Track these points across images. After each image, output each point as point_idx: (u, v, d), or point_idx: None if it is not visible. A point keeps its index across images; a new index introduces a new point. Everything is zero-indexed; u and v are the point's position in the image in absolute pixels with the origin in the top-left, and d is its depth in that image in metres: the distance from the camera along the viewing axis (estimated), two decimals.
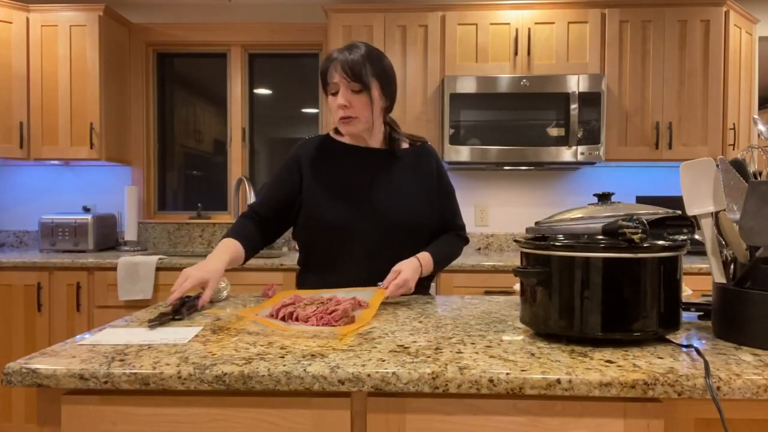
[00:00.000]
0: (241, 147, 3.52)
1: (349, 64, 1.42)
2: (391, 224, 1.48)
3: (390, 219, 1.49)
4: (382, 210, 1.49)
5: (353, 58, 1.43)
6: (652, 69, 2.96)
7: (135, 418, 0.86)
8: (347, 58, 1.43)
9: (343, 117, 1.46)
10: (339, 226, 1.47)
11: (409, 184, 1.54)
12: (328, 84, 1.47)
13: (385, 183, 1.52)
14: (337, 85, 1.45)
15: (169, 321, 1.15)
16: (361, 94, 1.45)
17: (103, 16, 3.07)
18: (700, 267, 2.57)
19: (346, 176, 1.52)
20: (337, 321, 1.10)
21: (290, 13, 3.45)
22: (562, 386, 0.80)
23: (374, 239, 1.47)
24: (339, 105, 1.45)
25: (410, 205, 1.52)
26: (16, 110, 3.03)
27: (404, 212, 1.50)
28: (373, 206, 1.49)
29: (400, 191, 1.52)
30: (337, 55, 1.45)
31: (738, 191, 1.03)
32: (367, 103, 1.46)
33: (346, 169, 1.53)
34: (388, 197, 1.50)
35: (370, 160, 1.54)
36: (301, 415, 0.85)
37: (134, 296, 2.68)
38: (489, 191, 3.40)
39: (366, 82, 1.43)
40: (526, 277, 1.01)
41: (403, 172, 1.55)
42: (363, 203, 1.49)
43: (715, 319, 1.03)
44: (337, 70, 1.43)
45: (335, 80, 1.44)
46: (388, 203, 1.50)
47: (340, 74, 1.43)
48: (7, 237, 3.47)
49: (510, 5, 2.98)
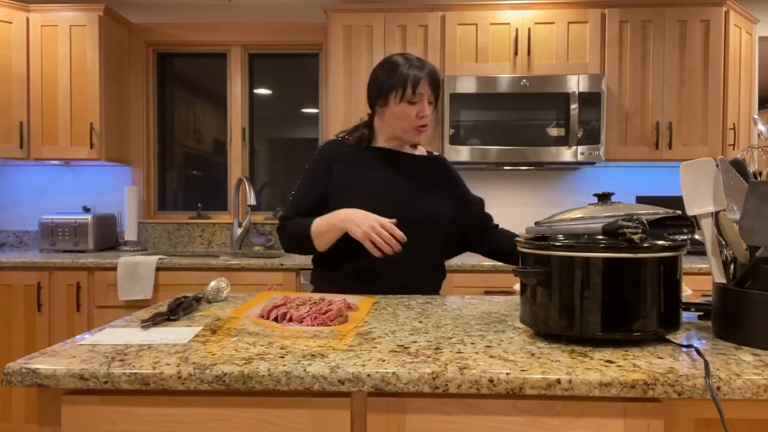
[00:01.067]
0: (241, 147, 3.52)
1: (435, 78, 1.57)
2: (424, 221, 1.57)
3: (420, 217, 1.57)
4: (413, 209, 1.57)
5: (435, 72, 1.58)
6: (652, 69, 2.96)
7: (135, 418, 0.86)
8: (432, 71, 1.57)
9: (422, 126, 1.59)
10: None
11: (433, 186, 1.65)
12: (413, 93, 1.55)
13: (412, 184, 1.61)
14: (423, 96, 1.56)
15: (164, 321, 1.15)
16: (431, 105, 1.60)
17: (103, 16, 3.07)
18: (700, 267, 2.57)
19: (377, 177, 1.60)
20: (332, 321, 1.11)
21: (290, 13, 3.46)
22: (562, 386, 0.80)
23: (408, 235, 1.52)
24: (424, 115, 1.57)
25: (438, 205, 1.62)
26: (16, 110, 3.03)
27: (434, 211, 1.60)
28: (405, 205, 1.57)
29: (428, 192, 1.62)
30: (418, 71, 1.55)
31: (738, 191, 1.03)
32: (433, 112, 1.62)
33: (377, 170, 1.61)
34: (418, 197, 1.60)
35: (405, 164, 1.64)
36: (301, 415, 0.85)
37: (134, 296, 2.68)
38: (489, 191, 3.40)
39: (439, 95, 1.61)
40: (526, 277, 1.01)
41: (426, 175, 1.65)
42: (396, 202, 1.56)
43: (715, 319, 1.03)
44: (428, 83, 1.55)
45: (424, 91, 1.55)
46: (418, 202, 1.59)
47: (430, 87, 1.56)
48: (7, 237, 3.47)
49: (510, 5, 2.98)
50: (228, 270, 2.71)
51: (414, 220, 1.55)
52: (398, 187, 1.59)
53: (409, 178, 1.62)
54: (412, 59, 1.58)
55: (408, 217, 1.54)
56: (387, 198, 1.56)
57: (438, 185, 1.66)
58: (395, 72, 1.56)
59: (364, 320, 1.18)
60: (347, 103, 3.03)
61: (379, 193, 1.57)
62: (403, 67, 1.56)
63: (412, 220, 1.54)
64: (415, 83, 1.55)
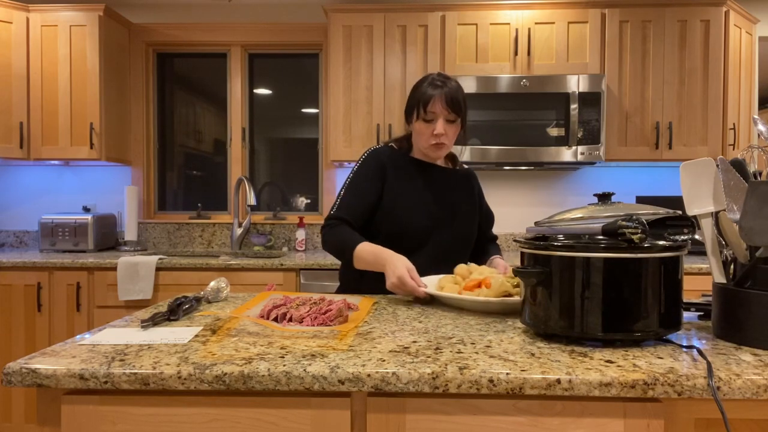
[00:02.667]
0: (241, 147, 3.52)
1: (452, 97, 1.58)
2: (455, 234, 1.67)
3: (455, 229, 1.67)
4: (450, 221, 1.67)
5: (454, 89, 1.60)
6: (652, 69, 2.96)
7: (135, 418, 0.86)
8: (450, 90, 1.59)
9: (437, 143, 1.62)
10: (418, 232, 1.62)
11: (465, 199, 1.73)
12: (425, 112, 1.59)
13: (450, 197, 1.70)
14: (435, 114, 1.59)
15: (164, 321, 1.15)
16: (454, 123, 1.62)
17: (103, 16, 3.07)
18: (700, 267, 2.57)
19: (424, 188, 1.67)
20: (332, 321, 1.11)
21: (290, 13, 3.45)
22: (562, 386, 0.80)
23: (443, 246, 1.64)
24: (437, 133, 1.59)
25: (468, 218, 1.72)
26: (16, 110, 3.03)
27: (465, 225, 1.70)
28: (443, 217, 1.66)
29: (460, 205, 1.71)
30: (434, 90, 1.59)
31: (738, 191, 1.03)
32: (456, 131, 1.65)
33: (424, 181, 1.68)
34: (453, 210, 1.69)
35: (439, 176, 1.71)
36: (301, 415, 0.85)
37: (134, 296, 2.68)
38: (489, 191, 3.40)
39: (461, 112, 1.61)
40: (526, 277, 1.01)
41: (459, 189, 1.74)
42: (436, 214, 1.65)
43: (715, 319, 1.03)
44: (442, 102, 1.58)
45: (436, 110, 1.59)
46: (454, 215, 1.68)
47: (443, 106, 1.58)
48: (7, 237, 3.47)
49: (510, 5, 2.98)
50: (228, 270, 2.71)
51: (452, 233, 1.66)
52: (439, 200, 1.67)
53: (446, 191, 1.70)
54: (435, 78, 1.62)
55: (447, 230, 1.65)
56: (428, 211, 1.64)
57: (469, 200, 1.74)
58: (416, 90, 1.64)
59: (364, 320, 1.18)
60: (347, 103, 3.03)
61: (423, 205, 1.64)
62: (423, 85, 1.62)
63: (451, 233, 1.65)
64: (425, 102, 1.59)
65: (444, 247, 1.65)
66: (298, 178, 3.57)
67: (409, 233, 1.62)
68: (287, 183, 3.59)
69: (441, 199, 1.68)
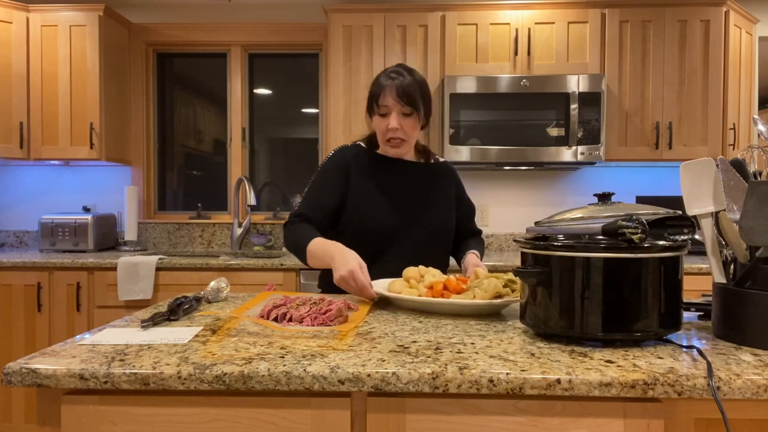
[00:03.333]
0: (241, 147, 3.52)
1: (404, 89, 1.52)
2: (427, 231, 1.61)
3: (427, 224, 1.62)
4: (421, 216, 1.62)
5: (407, 82, 1.53)
6: (652, 69, 2.96)
7: (135, 418, 0.86)
8: (402, 82, 1.52)
9: (392, 138, 1.57)
10: (386, 231, 1.58)
11: (438, 193, 1.68)
12: (378, 106, 1.55)
13: (420, 192, 1.65)
14: (388, 108, 1.54)
15: (164, 321, 1.15)
16: (410, 117, 1.55)
17: (103, 16, 3.07)
18: (700, 267, 2.57)
19: (387, 186, 1.62)
20: (332, 321, 1.11)
21: (290, 13, 3.45)
22: (562, 386, 0.80)
23: (414, 243, 1.59)
24: (391, 128, 1.54)
25: (442, 213, 1.66)
26: (16, 110, 3.03)
27: (438, 220, 1.64)
28: (413, 213, 1.61)
29: (433, 199, 1.66)
30: (386, 81, 1.54)
31: (738, 191, 1.03)
32: (415, 125, 1.58)
33: (387, 179, 1.63)
34: (424, 206, 1.63)
35: (407, 172, 1.66)
36: (301, 415, 0.85)
37: (134, 296, 2.68)
38: (489, 191, 3.40)
39: (417, 105, 1.54)
40: (526, 277, 1.01)
41: (432, 183, 1.68)
42: (405, 210, 1.61)
43: (715, 319, 1.03)
44: (392, 95, 1.52)
45: (388, 103, 1.53)
46: (425, 210, 1.63)
47: (395, 99, 1.52)
48: (7, 237, 3.47)
49: (510, 5, 2.98)
50: (228, 270, 2.71)
51: (425, 229, 1.61)
52: (408, 196, 1.62)
53: (416, 187, 1.64)
54: (391, 70, 1.56)
55: (418, 226, 1.60)
56: (397, 208, 1.59)
57: (443, 193, 1.68)
58: (372, 84, 1.59)
59: (364, 320, 1.18)
60: (347, 103, 3.03)
61: (388, 202, 1.59)
62: (378, 78, 1.57)
63: (423, 229, 1.60)
64: (376, 95, 1.55)
65: (418, 243, 1.60)
66: (298, 178, 3.57)
67: (376, 232, 1.57)
68: (287, 183, 3.59)
69: (410, 195, 1.62)
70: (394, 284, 1.34)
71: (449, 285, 1.29)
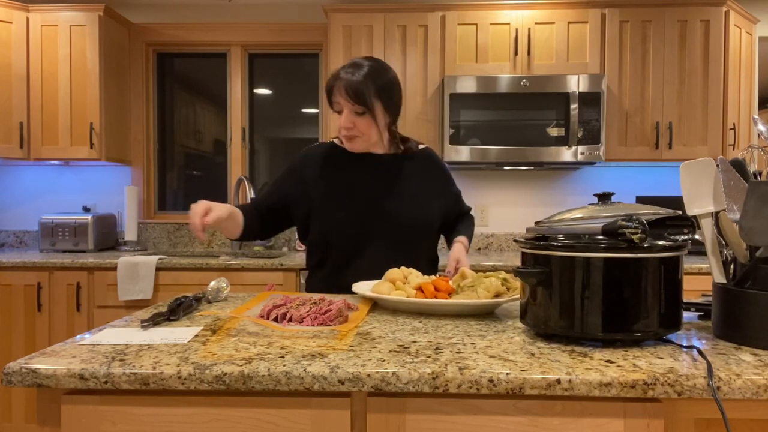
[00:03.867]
0: (241, 147, 3.52)
1: (352, 88, 1.44)
2: (403, 225, 1.55)
3: (402, 220, 1.55)
4: (394, 212, 1.55)
5: (356, 79, 1.44)
6: (652, 69, 2.96)
7: (135, 418, 0.85)
8: (351, 79, 1.44)
9: (346, 136, 1.52)
10: (354, 230, 1.53)
11: (417, 186, 1.60)
12: (332, 103, 1.50)
13: (393, 186, 1.58)
14: (340, 105, 1.48)
15: (164, 321, 1.15)
16: (364, 115, 1.48)
17: (103, 16, 3.07)
18: (700, 267, 2.57)
19: (357, 182, 1.56)
20: (332, 321, 1.11)
21: (290, 13, 3.45)
22: (562, 386, 0.80)
23: (388, 240, 1.53)
24: (342, 126, 1.49)
25: (419, 205, 1.58)
26: (16, 110, 3.03)
27: (414, 213, 1.57)
28: (384, 209, 1.54)
29: (409, 193, 1.58)
30: (341, 74, 1.47)
31: (738, 191, 1.03)
32: (371, 123, 1.49)
33: (356, 175, 1.57)
34: (398, 199, 1.56)
35: (378, 166, 1.59)
36: (301, 415, 0.85)
37: (134, 296, 2.68)
38: (489, 191, 3.40)
39: (369, 104, 1.46)
40: (526, 277, 1.01)
41: (410, 175, 1.60)
42: (375, 207, 1.54)
43: (715, 319, 1.03)
44: (341, 93, 1.46)
45: (339, 101, 1.47)
46: (398, 205, 1.56)
47: (344, 97, 1.45)
48: (7, 237, 3.47)
49: (510, 5, 2.98)
50: (228, 270, 2.71)
51: (403, 221, 1.54)
52: (381, 190, 1.56)
53: (389, 179, 1.58)
54: (348, 65, 1.49)
55: (395, 219, 1.54)
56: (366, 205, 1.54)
57: (422, 183, 1.61)
58: (330, 76, 1.52)
59: (364, 320, 1.18)
60: None
61: (357, 197, 1.55)
62: (336, 71, 1.50)
63: (401, 221, 1.54)
64: (328, 92, 1.50)
65: (396, 236, 1.53)
66: None
67: (347, 227, 1.53)
68: None
69: (383, 189, 1.56)
70: (380, 286, 1.31)
71: (439, 285, 1.29)
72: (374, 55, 3.00)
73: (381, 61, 1.53)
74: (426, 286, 1.28)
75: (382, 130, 1.54)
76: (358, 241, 1.54)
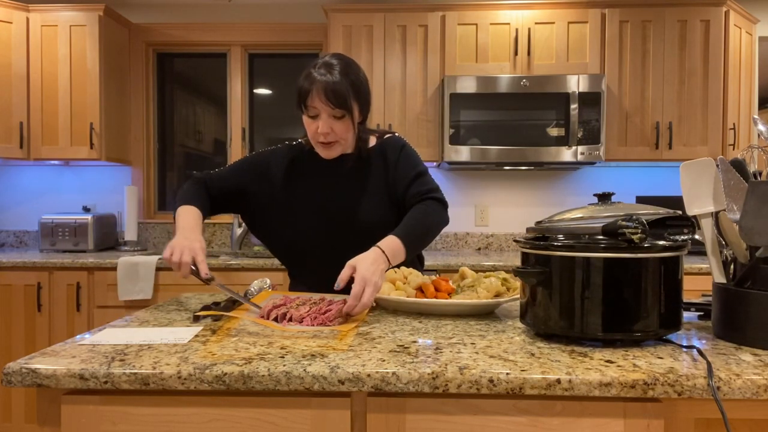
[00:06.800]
0: (241, 147, 3.51)
1: (333, 91, 1.35)
2: (364, 229, 1.47)
3: (358, 222, 1.48)
4: (350, 213, 1.49)
5: (335, 81, 1.36)
6: (652, 69, 2.96)
7: (135, 418, 0.85)
8: (329, 81, 1.35)
9: (323, 142, 1.43)
10: (319, 239, 1.50)
11: (375, 182, 1.52)
12: (306, 107, 1.39)
13: (353, 186, 1.51)
14: (317, 110, 1.38)
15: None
16: (342, 119, 1.40)
17: (103, 16, 3.07)
18: (700, 267, 2.57)
19: (321, 189, 1.51)
20: (332, 321, 1.11)
21: (290, 13, 3.45)
22: (562, 386, 0.80)
23: (347, 243, 1.44)
24: (320, 132, 1.39)
25: (373, 204, 1.50)
26: (16, 110, 3.03)
27: (368, 213, 1.49)
28: (342, 211, 1.49)
29: (366, 192, 1.51)
30: (316, 76, 1.37)
31: (738, 191, 1.03)
32: (348, 127, 1.42)
33: (321, 181, 1.52)
34: (356, 200, 1.50)
35: (342, 171, 1.52)
36: (301, 415, 0.85)
37: (134, 296, 2.68)
38: (489, 191, 3.40)
39: (349, 107, 1.38)
40: (526, 277, 1.01)
41: (370, 171, 1.53)
42: (338, 214, 1.49)
43: (715, 319, 1.03)
44: (320, 97, 1.36)
45: (316, 105, 1.37)
46: (355, 206, 1.49)
47: (323, 101, 1.36)
48: (7, 237, 3.47)
49: (510, 5, 2.98)
50: (228, 270, 2.71)
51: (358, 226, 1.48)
52: (338, 194, 1.51)
53: (345, 182, 1.52)
54: (320, 64, 1.39)
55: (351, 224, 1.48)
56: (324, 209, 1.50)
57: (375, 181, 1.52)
58: (303, 77, 1.40)
59: (364, 320, 1.18)
60: None
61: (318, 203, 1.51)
62: (309, 73, 1.39)
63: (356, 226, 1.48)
64: (303, 95, 1.38)
65: (362, 241, 1.38)
66: None
67: (313, 236, 1.50)
68: None
69: (346, 194, 1.50)
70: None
71: (439, 285, 1.29)
72: (374, 55, 3.01)
73: (348, 58, 1.46)
74: (426, 286, 1.28)
75: (355, 131, 1.47)
76: (316, 247, 1.51)
